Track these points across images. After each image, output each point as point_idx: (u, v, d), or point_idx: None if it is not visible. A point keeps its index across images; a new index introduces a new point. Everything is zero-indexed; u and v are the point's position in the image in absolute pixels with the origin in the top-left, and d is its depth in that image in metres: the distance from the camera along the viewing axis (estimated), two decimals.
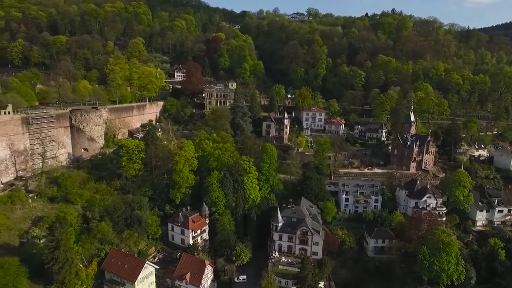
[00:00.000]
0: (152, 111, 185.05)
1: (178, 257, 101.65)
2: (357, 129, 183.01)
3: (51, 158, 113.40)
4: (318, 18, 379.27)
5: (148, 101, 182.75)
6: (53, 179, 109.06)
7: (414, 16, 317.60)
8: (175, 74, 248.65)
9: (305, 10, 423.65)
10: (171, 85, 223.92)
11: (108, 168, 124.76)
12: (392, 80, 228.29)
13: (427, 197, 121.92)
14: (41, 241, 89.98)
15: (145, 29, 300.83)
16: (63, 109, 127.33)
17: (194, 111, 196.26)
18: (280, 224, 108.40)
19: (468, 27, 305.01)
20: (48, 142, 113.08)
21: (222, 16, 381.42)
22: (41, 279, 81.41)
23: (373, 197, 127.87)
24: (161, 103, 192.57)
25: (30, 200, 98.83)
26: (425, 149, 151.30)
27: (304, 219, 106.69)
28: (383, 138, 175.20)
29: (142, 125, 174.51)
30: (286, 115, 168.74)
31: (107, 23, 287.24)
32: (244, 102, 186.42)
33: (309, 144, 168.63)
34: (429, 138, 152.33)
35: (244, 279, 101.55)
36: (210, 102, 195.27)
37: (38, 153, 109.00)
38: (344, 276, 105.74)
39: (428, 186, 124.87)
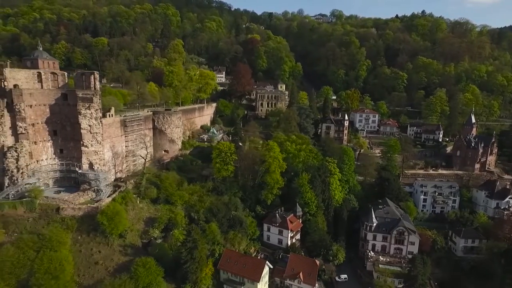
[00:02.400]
0: (208, 113, 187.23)
1: (280, 257, 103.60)
2: (412, 130, 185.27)
3: (150, 160, 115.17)
4: (343, 20, 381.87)
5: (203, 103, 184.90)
6: (151, 181, 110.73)
7: (443, 17, 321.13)
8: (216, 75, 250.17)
9: (328, 12, 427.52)
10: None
11: (192, 169, 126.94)
12: (434, 81, 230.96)
13: (509, 198, 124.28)
14: (158, 241, 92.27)
15: (175, 31, 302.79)
16: (148, 111, 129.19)
17: (246, 112, 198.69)
18: (374, 224, 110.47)
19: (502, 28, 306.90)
20: (149, 144, 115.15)
21: (248, 18, 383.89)
22: (171, 279, 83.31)
23: (451, 198, 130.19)
24: (214, 105, 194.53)
25: (138, 201, 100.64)
26: (489, 151, 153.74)
27: (401, 219, 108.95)
28: (440, 140, 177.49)
29: (201, 127, 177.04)
30: (346, 117, 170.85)
31: (137, 24, 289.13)
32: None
33: (368, 146, 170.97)
34: (493, 140, 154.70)
35: (346, 278, 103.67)
36: (262, 104, 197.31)
37: (139, 155, 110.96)
38: (438, 275, 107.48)
39: (508, 187, 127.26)
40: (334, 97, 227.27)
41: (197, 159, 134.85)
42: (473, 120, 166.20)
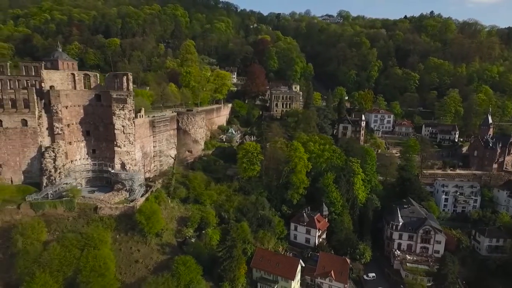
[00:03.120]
0: (224, 113, 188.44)
1: (309, 256, 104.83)
2: (428, 131, 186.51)
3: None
4: (350, 20, 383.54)
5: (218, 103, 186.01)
6: (178, 181, 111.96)
7: (451, 18, 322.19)
8: None
9: (335, 12, 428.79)
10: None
11: (216, 169, 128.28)
12: (446, 82, 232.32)
13: None
14: (193, 240, 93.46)
15: (184, 31, 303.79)
16: (172, 112, 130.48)
17: (261, 112, 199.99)
18: (400, 224, 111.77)
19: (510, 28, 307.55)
20: (179, 144, 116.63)
21: (255, 18, 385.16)
22: (208, 277, 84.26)
23: (473, 198, 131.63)
24: (230, 105, 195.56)
25: (169, 201, 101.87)
26: (507, 151, 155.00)
27: (427, 218, 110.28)
28: (456, 140, 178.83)
29: (218, 127, 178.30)
30: (363, 117, 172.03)
31: (146, 25, 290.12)
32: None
33: (385, 146, 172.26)
34: (511, 140, 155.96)
35: (374, 277, 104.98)
36: (277, 104, 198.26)
37: (169, 155, 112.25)
38: (464, 274, 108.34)
39: None
40: (346, 98, 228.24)
41: (220, 159, 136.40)
42: (490, 121, 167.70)
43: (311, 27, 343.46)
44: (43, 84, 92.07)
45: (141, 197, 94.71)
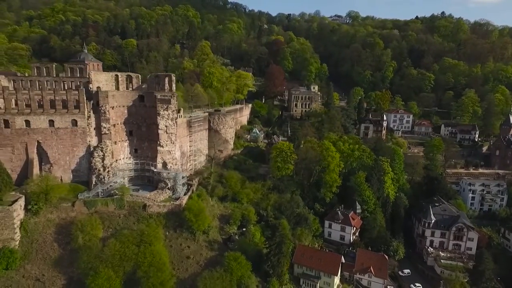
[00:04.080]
0: (245, 113, 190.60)
1: (345, 252, 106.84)
2: (447, 130, 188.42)
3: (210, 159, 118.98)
4: (359, 20, 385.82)
5: (239, 104, 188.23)
6: (215, 180, 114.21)
7: (463, 18, 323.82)
8: None
9: (345, 13, 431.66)
10: None
11: (247, 168, 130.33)
12: (461, 82, 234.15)
13: None
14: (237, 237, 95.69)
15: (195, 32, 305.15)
16: (204, 112, 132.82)
17: (281, 112, 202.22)
18: (432, 221, 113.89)
19: None
20: (210, 144, 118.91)
21: (265, 19, 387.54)
22: (254, 272, 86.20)
23: (500, 196, 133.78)
24: (250, 105, 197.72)
25: (209, 199, 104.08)
26: None
27: (460, 216, 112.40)
28: (476, 139, 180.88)
29: (241, 127, 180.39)
30: (384, 117, 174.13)
31: (158, 26, 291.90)
32: None
33: (407, 145, 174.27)
34: None
35: (409, 273, 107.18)
36: (296, 105, 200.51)
37: (208, 154, 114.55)
38: (495, 271, 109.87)
39: None
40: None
41: (249, 159, 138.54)
42: (511, 120, 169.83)
43: (323, 27, 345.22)
44: (90, 86, 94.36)
45: (184, 195, 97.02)
